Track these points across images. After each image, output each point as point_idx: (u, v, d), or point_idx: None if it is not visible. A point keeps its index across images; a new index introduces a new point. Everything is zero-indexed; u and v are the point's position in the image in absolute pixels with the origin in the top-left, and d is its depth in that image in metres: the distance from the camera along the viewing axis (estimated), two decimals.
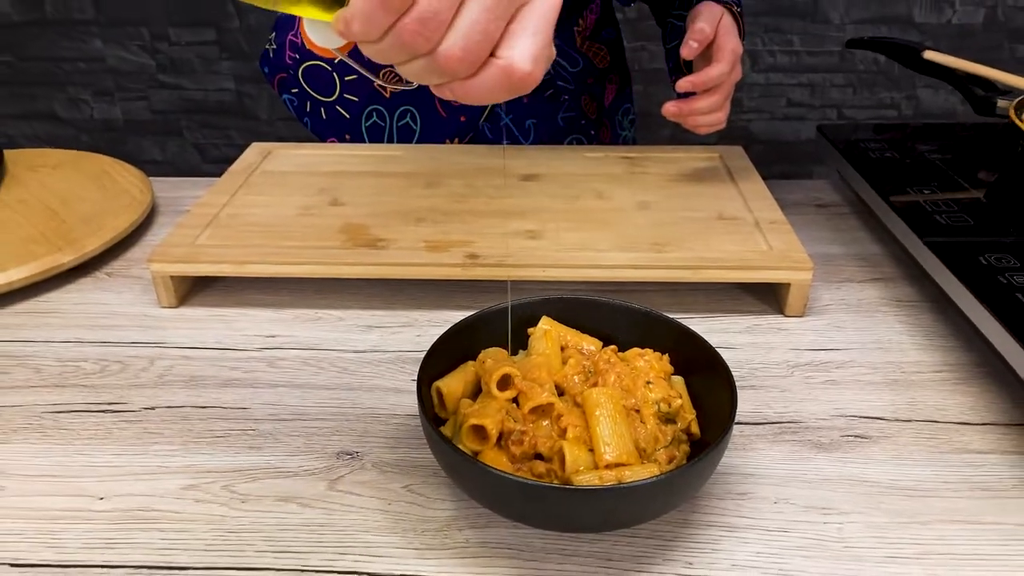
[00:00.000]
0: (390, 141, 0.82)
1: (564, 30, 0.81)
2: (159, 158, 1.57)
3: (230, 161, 0.76)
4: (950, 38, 1.45)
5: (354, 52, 0.34)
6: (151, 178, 0.78)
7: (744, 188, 0.70)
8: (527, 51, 0.31)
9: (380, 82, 0.76)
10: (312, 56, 0.80)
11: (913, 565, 0.40)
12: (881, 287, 0.63)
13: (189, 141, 1.55)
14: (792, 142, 1.53)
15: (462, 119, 0.80)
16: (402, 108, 0.80)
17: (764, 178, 0.73)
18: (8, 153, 0.79)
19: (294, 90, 0.84)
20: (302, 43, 0.81)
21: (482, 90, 0.32)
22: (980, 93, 0.74)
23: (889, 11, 1.44)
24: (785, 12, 1.45)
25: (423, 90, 0.79)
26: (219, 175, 0.74)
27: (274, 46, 0.85)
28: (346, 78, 0.80)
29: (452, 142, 0.81)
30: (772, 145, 1.53)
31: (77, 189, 0.74)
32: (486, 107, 0.79)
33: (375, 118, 0.81)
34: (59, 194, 0.73)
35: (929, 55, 0.75)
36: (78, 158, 0.80)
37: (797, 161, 1.55)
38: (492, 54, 0.31)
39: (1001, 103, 0.73)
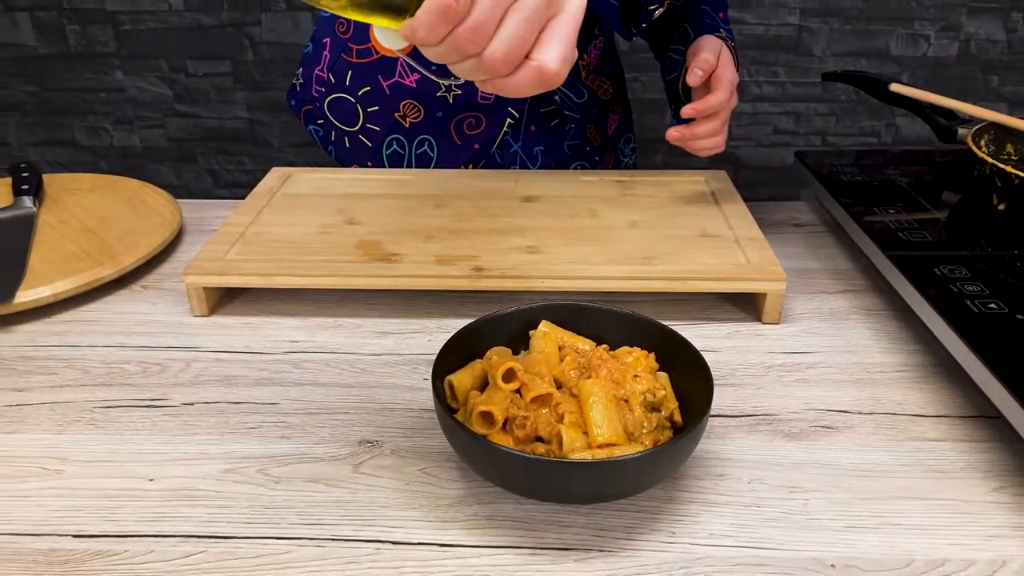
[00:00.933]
0: (409, 167, 0.89)
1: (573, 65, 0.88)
2: (175, 183, 1.63)
3: (242, 185, 0.83)
4: (926, 70, 1.53)
5: (414, 52, 0.43)
6: (178, 200, 0.84)
7: (726, 209, 0.76)
8: (556, 55, 0.39)
9: (434, 77, 0.83)
10: (339, 88, 0.87)
11: (870, 533, 0.45)
12: (851, 298, 0.69)
13: (203, 167, 1.62)
14: (779, 167, 1.60)
15: (476, 147, 0.87)
16: (420, 137, 0.87)
17: (748, 200, 0.79)
18: (45, 177, 0.85)
19: (320, 121, 0.91)
20: (328, 77, 0.88)
21: (518, 85, 0.40)
22: (943, 122, 0.81)
23: (868, 45, 1.52)
24: (770, 45, 1.53)
25: (439, 121, 0.86)
26: (232, 199, 0.80)
27: (301, 80, 0.92)
28: (368, 109, 0.87)
29: (467, 167, 0.88)
30: (759, 170, 1.60)
31: (112, 210, 0.80)
32: (498, 135, 0.86)
33: (395, 146, 0.88)
34: (96, 214, 0.79)
35: (895, 87, 0.81)
36: (111, 182, 0.87)
37: (783, 185, 1.62)
38: (527, 56, 0.39)
39: (961, 131, 0.79)
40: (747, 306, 0.67)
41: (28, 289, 0.65)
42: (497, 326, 0.54)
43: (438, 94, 0.85)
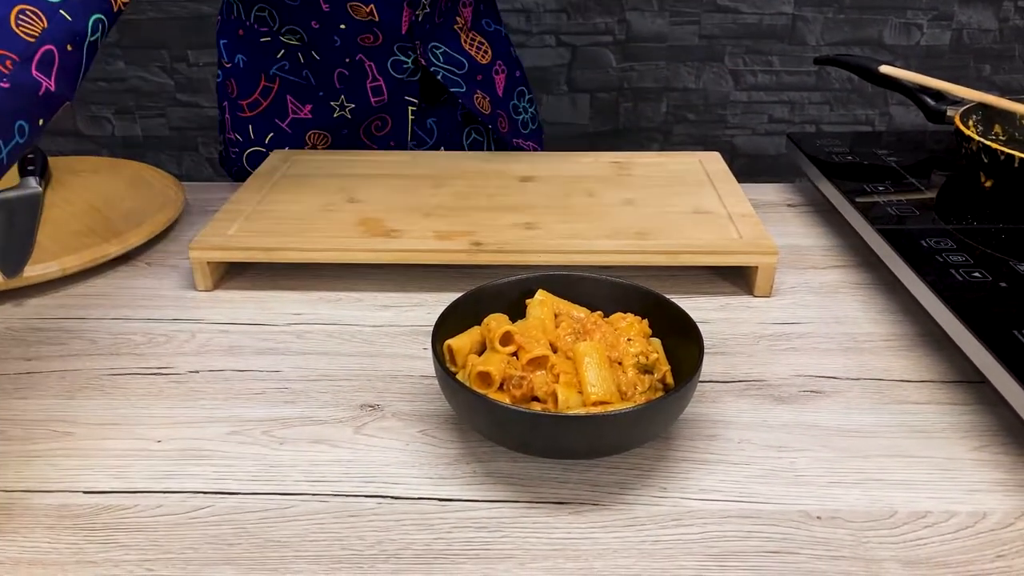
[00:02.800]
0: None
1: (446, 32, 0.88)
2: (175, 171, 1.65)
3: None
4: (919, 59, 1.55)
5: None
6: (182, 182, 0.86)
7: (720, 188, 0.78)
8: None
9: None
10: (248, 144, 0.93)
11: (854, 488, 0.47)
12: (841, 273, 0.71)
13: (204, 156, 1.63)
14: (773, 156, 1.62)
15: (392, 144, 0.92)
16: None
17: (742, 183, 0.80)
18: (51, 160, 0.87)
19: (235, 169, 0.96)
20: (236, 137, 0.93)
21: None
22: (932, 104, 0.82)
23: (861, 34, 1.54)
24: (765, 35, 1.55)
25: (348, 137, 0.92)
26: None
27: (221, 147, 0.98)
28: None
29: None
30: (755, 159, 1.62)
31: (117, 191, 0.81)
32: (407, 126, 0.90)
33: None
34: (101, 195, 0.80)
35: (884, 69, 0.83)
36: (115, 164, 0.88)
37: (778, 173, 1.64)
38: None
39: (950, 112, 0.81)
40: (739, 280, 0.69)
41: (36, 264, 0.67)
42: (495, 294, 0.55)
43: (335, 116, 0.89)
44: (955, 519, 0.45)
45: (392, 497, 0.46)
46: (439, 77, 0.88)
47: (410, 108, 0.89)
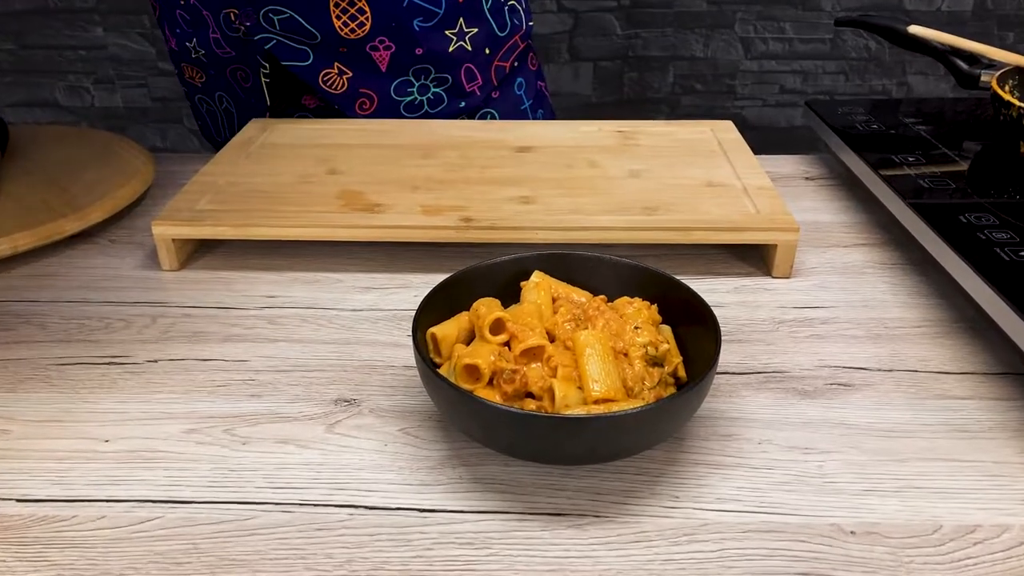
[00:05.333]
0: (223, 124, 0.91)
1: None
2: (159, 145, 1.59)
3: None
4: (940, 25, 1.47)
5: None
6: (153, 153, 0.80)
7: (733, 158, 0.71)
8: None
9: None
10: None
11: (891, 497, 0.41)
12: (866, 251, 0.65)
13: (189, 128, 1.56)
14: (785, 128, 1.55)
15: (252, 101, 0.84)
16: (218, 94, 0.88)
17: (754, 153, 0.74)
18: (13, 129, 0.81)
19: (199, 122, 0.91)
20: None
21: None
22: (964, 67, 0.76)
23: None
24: None
25: (217, 78, 0.86)
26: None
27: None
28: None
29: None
30: (765, 132, 1.55)
31: (81, 161, 0.75)
32: (261, 83, 0.82)
33: (207, 104, 0.90)
34: (63, 166, 0.74)
35: (913, 29, 0.76)
36: (81, 134, 0.82)
37: (790, 146, 1.57)
38: None
39: (984, 76, 0.74)
40: (756, 259, 0.63)
41: None
42: (486, 275, 0.49)
43: (192, 56, 0.84)
44: (1008, 534, 0.39)
45: (366, 507, 0.41)
46: (267, 47, 0.77)
47: (262, 71, 0.80)
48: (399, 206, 0.63)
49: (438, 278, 0.47)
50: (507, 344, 0.44)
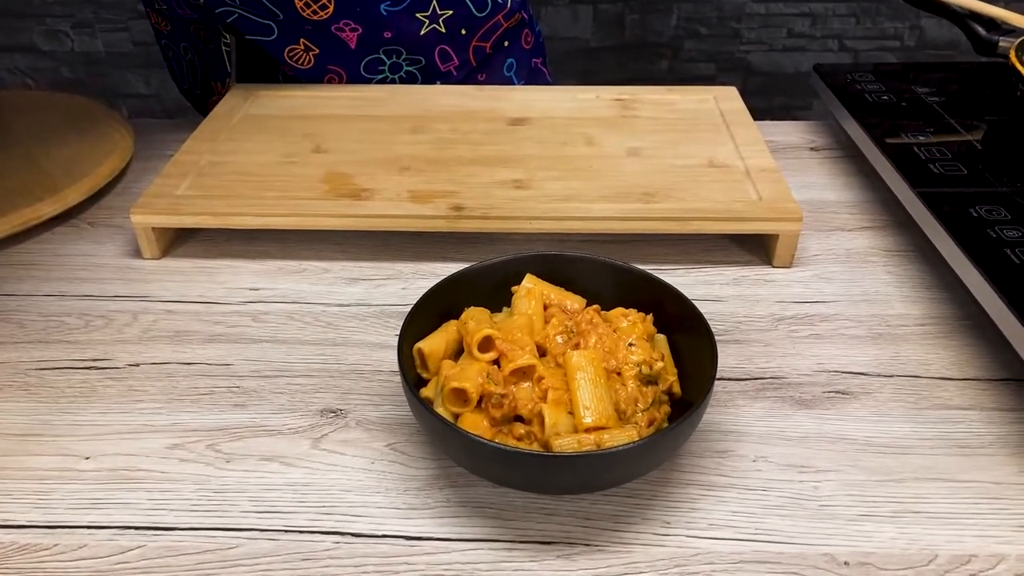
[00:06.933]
0: (187, 73, 0.87)
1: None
2: (144, 91, 1.53)
3: None
4: None
5: None
6: (133, 120, 0.77)
7: (736, 133, 0.68)
8: None
9: None
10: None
11: (886, 523, 0.40)
12: (871, 236, 0.63)
13: None
14: (792, 74, 1.49)
15: (215, 62, 0.81)
16: (182, 44, 0.85)
17: (758, 115, 0.71)
18: None
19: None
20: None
21: None
22: (982, 32, 0.72)
23: None
24: None
25: (180, 31, 0.83)
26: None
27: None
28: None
29: (215, 83, 0.83)
30: (771, 77, 1.49)
31: (58, 134, 0.72)
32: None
33: (172, 51, 0.86)
34: (38, 139, 0.71)
35: None
36: (57, 100, 0.79)
37: (796, 94, 1.52)
38: None
39: (1003, 43, 0.70)
40: (756, 247, 0.61)
41: None
42: (475, 280, 0.47)
43: (156, 5, 0.81)
44: (1003, 565, 0.38)
45: (352, 534, 0.40)
46: (229, 20, 0.73)
47: (223, 40, 0.77)
48: (387, 191, 0.60)
49: (428, 267, 0.45)
50: (496, 361, 0.43)
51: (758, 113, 0.73)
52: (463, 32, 0.77)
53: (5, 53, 1.51)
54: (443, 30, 0.76)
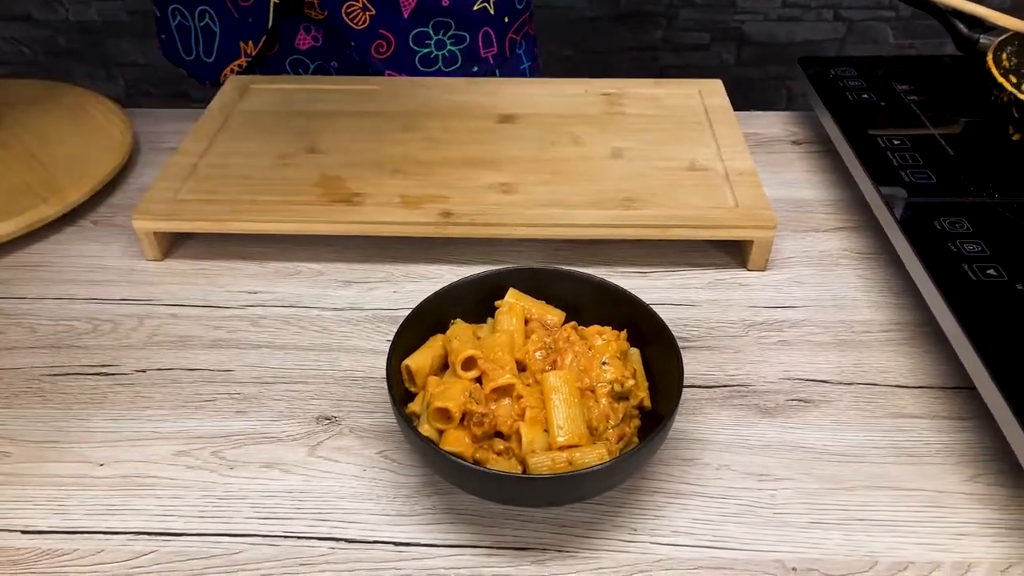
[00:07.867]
0: (196, 42, 0.86)
1: None
2: (140, 60, 1.53)
3: None
4: None
5: None
6: (129, 109, 0.78)
7: (719, 132, 0.70)
8: None
9: None
10: None
11: (834, 530, 0.44)
12: (844, 237, 0.65)
13: None
14: (786, 44, 1.49)
15: (249, 20, 0.81)
16: (200, 8, 0.84)
17: (755, 82, 0.73)
18: None
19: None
20: None
21: None
22: (963, 30, 0.73)
23: None
24: None
25: None
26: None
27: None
28: None
29: (246, 44, 0.83)
30: (765, 47, 1.49)
31: (56, 128, 0.74)
32: (268, 8, 0.80)
33: (180, 18, 0.86)
34: (39, 135, 0.73)
35: None
36: (53, 91, 0.80)
37: (789, 63, 1.52)
38: None
39: (983, 41, 0.72)
40: (733, 249, 0.64)
41: None
42: (460, 296, 0.50)
43: None
44: (938, 572, 0.42)
45: (346, 540, 0.44)
46: None
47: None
48: (378, 195, 0.63)
49: (419, 269, 0.48)
50: (479, 379, 0.46)
51: (752, 82, 0.75)
52: (505, 20, 0.82)
53: (0, 23, 1.50)
54: (492, 11, 0.81)
